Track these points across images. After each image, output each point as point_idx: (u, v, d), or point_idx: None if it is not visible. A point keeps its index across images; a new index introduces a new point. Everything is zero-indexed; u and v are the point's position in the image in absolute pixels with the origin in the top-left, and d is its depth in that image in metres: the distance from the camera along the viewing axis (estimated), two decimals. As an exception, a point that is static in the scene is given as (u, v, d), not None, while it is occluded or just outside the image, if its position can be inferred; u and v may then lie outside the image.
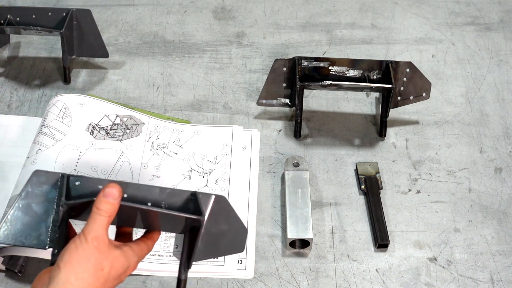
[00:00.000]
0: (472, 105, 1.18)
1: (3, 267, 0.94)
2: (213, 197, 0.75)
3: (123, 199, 0.73)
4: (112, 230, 0.77)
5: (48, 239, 0.73)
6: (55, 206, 0.73)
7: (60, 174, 0.74)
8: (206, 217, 0.74)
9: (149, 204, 0.76)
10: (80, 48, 1.18)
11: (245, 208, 1.03)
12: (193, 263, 0.97)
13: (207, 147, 1.10)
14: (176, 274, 0.95)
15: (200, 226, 0.74)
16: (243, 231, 0.79)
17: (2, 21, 1.17)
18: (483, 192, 1.05)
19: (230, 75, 1.23)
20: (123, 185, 0.74)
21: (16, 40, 1.30)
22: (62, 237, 0.73)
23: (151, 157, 1.08)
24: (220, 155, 1.09)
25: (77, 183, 0.75)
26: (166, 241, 0.98)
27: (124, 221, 0.77)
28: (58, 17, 1.15)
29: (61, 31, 1.13)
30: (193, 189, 0.78)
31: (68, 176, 0.75)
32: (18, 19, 1.17)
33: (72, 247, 0.69)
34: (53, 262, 0.70)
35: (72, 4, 1.37)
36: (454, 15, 1.34)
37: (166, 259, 0.96)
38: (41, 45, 1.29)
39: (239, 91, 1.21)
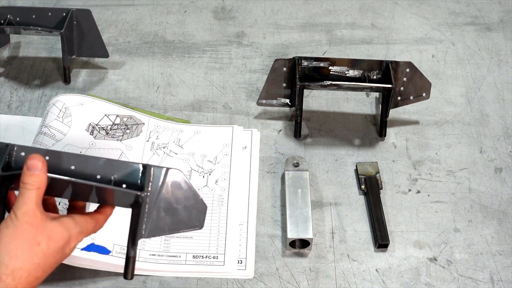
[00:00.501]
0: (472, 105, 1.18)
1: (3, 267, 0.94)
2: (164, 170, 0.72)
3: (63, 171, 0.70)
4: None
5: None
6: None
7: (5, 144, 0.72)
8: (149, 192, 0.72)
9: (98, 177, 0.73)
10: (80, 48, 1.18)
11: (245, 208, 1.03)
12: (193, 263, 0.97)
13: (207, 147, 1.10)
14: (176, 274, 0.96)
15: (143, 201, 0.72)
16: (202, 206, 0.76)
17: (2, 21, 1.17)
18: (483, 192, 1.05)
19: (230, 75, 1.23)
20: (65, 156, 0.72)
21: (16, 40, 1.30)
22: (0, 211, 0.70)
23: (151, 157, 1.08)
24: (220, 155, 1.09)
25: (22, 153, 0.72)
26: (166, 241, 0.98)
27: (65, 194, 0.73)
28: (58, 17, 1.16)
29: (61, 31, 1.13)
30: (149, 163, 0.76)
31: (13, 146, 0.72)
32: (18, 19, 1.17)
33: (2, 226, 0.66)
34: None
35: (72, 4, 1.37)
36: (454, 15, 1.34)
37: (166, 259, 0.96)
38: (41, 45, 1.29)
39: (239, 91, 1.21)
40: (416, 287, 0.95)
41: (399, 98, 1.11)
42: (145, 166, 0.73)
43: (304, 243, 0.98)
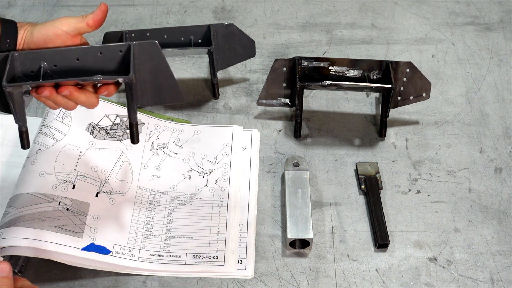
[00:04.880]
0: (472, 105, 1.18)
1: (3, 267, 0.94)
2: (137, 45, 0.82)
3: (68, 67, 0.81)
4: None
5: None
6: None
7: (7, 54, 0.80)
8: (132, 72, 0.81)
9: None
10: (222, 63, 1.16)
11: (245, 208, 1.03)
12: (193, 263, 0.97)
13: (207, 147, 1.10)
14: (176, 274, 0.96)
15: (131, 84, 0.82)
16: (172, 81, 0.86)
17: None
18: (483, 192, 1.05)
19: (230, 75, 1.23)
20: (69, 52, 0.81)
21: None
22: None
23: (151, 157, 1.08)
24: (220, 155, 1.09)
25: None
26: (166, 241, 0.98)
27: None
28: (201, 33, 1.14)
29: (211, 47, 1.10)
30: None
31: (13, 54, 0.80)
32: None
33: None
34: None
35: (72, 4, 1.37)
36: (454, 15, 1.34)
37: (166, 259, 0.96)
38: (41, 45, 1.29)
39: (239, 91, 1.21)
40: (416, 287, 0.95)
41: (399, 98, 1.11)
42: (128, 46, 0.83)
43: (304, 243, 0.98)
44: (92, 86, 0.83)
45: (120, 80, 0.81)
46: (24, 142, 0.84)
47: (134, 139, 0.87)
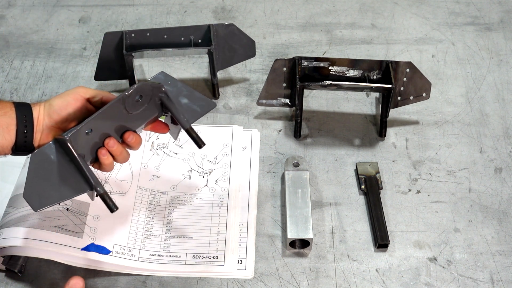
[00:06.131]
0: (472, 105, 1.18)
1: (3, 267, 0.94)
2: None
3: None
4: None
5: None
6: None
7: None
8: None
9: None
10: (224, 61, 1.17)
11: (245, 208, 1.03)
12: (193, 263, 0.97)
13: (207, 147, 1.10)
14: (176, 274, 0.96)
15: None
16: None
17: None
18: (483, 192, 1.05)
19: (230, 75, 1.23)
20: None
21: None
22: None
23: (151, 157, 1.08)
24: (220, 155, 1.09)
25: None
26: (166, 241, 0.98)
27: None
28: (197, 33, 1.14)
29: (211, 47, 1.11)
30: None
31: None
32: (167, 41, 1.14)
33: None
34: None
35: (72, 4, 1.37)
36: (454, 15, 1.34)
37: (166, 259, 0.96)
38: (41, 45, 1.29)
39: (239, 91, 1.21)
40: (416, 287, 0.95)
41: (399, 98, 1.11)
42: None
43: (304, 243, 0.98)
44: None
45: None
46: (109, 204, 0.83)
47: (199, 144, 0.89)
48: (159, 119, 0.89)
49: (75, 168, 0.80)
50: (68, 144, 0.79)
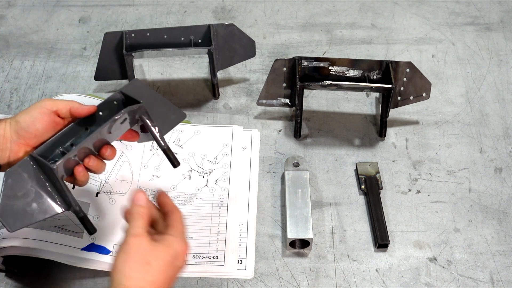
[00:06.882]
0: (472, 105, 1.18)
1: (3, 267, 0.94)
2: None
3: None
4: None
5: None
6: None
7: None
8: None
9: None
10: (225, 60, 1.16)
11: (245, 208, 1.03)
12: (193, 263, 0.97)
13: (207, 147, 1.10)
14: (176, 274, 0.95)
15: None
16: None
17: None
18: (483, 192, 1.05)
19: (230, 75, 1.23)
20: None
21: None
22: None
23: (151, 157, 1.08)
24: (220, 155, 1.09)
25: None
26: (166, 241, 0.98)
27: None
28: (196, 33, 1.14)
29: (211, 47, 1.10)
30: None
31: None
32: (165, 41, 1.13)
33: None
34: None
35: (72, 4, 1.37)
36: (454, 15, 1.34)
37: (166, 259, 0.96)
38: (41, 45, 1.29)
39: (239, 91, 1.21)
40: (416, 287, 0.95)
41: (399, 98, 1.11)
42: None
43: (304, 243, 0.98)
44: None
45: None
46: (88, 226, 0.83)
47: (175, 164, 0.87)
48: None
49: (52, 186, 0.79)
50: (55, 173, 0.77)
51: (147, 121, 0.84)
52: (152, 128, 0.85)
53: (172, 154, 0.86)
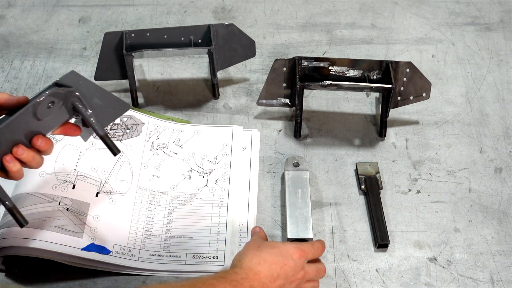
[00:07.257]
0: (472, 105, 1.18)
1: (3, 267, 0.94)
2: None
3: None
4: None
5: None
6: None
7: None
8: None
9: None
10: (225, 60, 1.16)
11: (245, 208, 1.03)
12: (193, 263, 0.97)
13: (207, 147, 1.10)
14: (176, 274, 0.95)
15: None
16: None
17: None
18: (483, 192, 1.05)
19: (230, 75, 1.23)
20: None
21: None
22: None
23: (151, 157, 1.08)
24: (220, 155, 1.09)
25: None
26: (166, 241, 0.98)
27: None
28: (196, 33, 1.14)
29: (211, 47, 1.10)
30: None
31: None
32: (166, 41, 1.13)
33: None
34: None
35: (72, 4, 1.37)
36: (454, 15, 1.34)
37: (166, 259, 0.96)
38: (41, 45, 1.29)
39: (239, 91, 1.21)
40: (416, 287, 0.95)
41: (399, 98, 1.11)
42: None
43: (304, 243, 0.98)
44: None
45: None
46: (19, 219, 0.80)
47: (114, 151, 0.85)
48: (69, 121, 0.85)
49: None
50: None
51: (80, 106, 0.82)
52: (86, 114, 0.82)
53: (111, 141, 0.84)
